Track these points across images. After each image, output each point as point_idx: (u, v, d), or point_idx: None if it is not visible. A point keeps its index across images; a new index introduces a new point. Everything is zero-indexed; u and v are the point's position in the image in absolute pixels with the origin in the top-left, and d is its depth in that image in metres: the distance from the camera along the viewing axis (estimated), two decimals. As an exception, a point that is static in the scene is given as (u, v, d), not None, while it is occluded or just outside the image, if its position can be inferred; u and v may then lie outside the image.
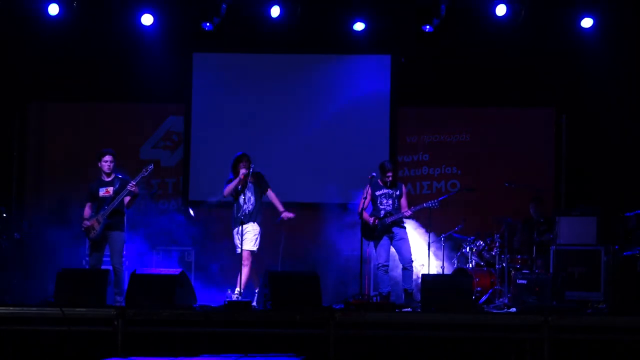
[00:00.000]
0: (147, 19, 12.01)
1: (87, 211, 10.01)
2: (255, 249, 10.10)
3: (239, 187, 10.20)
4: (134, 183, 9.80)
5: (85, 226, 9.89)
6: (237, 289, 9.85)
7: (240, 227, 10.00)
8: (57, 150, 13.03)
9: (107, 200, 9.85)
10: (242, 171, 10.12)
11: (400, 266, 10.40)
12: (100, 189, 9.93)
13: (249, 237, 10.05)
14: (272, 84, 12.90)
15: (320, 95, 12.86)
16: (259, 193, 10.23)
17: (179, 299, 8.61)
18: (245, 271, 9.95)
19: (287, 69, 12.93)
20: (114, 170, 10.03)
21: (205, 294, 10.44)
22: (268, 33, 12.37)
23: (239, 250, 10.02)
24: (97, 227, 9.77)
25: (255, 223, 10.15)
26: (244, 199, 10.15)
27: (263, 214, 10.37)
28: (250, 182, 10.18)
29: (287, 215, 10.23)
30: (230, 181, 10.23)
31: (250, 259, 10.04)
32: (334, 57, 12.94)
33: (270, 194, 10.30)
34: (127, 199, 9.90)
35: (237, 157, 10.28)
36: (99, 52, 12.41)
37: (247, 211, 10.12)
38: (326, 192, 12.46)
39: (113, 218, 9.83)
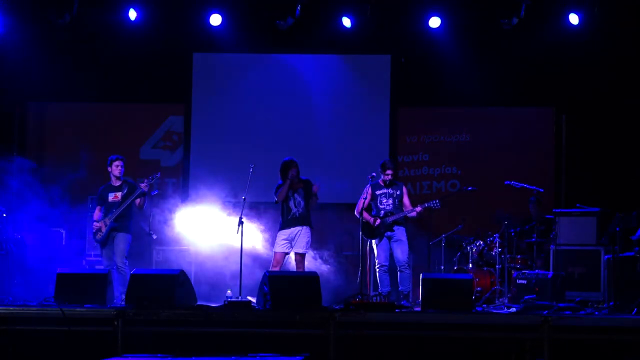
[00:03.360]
0: (132, 14, 12.00)
1: (97, 214, 10.27)
2: (307, 251, 10.30)
3: (289, 191, 10.30)
4: (146, 184, 10.00)
5: (94, 228, 10.13)
6: None
7: (290, 230, 10.21)
8: (57, 150, 13.02)
9: (115, 204, 10.06)
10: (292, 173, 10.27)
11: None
12: (110, 194, 10.17)
13: (302, 240, 10.21)
14: (272, 83, 12.89)
15: (321, 95, 12.86)
16: (308, 198, 10.33)
17: (178, 299, 8.60)
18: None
19: (287, 69, 12.93)
20: (123, 174, 10.21)
21: (205, 294, 10.44)
22: (268, 33, 12.38)
23: (276, 249, 10.25)
24: (104, 229, 9.97)
25: (308, 227, 10.29)
26: (294, 203, 10.29)
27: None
28: (300, 187, 10.30)
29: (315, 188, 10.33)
30: (280, 186, 10.32)
31: (281, 263, 10.23)
32: (334, 57, 12.95)
33: (313, 203, 10.40)
34: (137, 200, 10.07)
35: (286, 163, 10.38)
36: (99, 52, 12.41)
37: (297, 214, 10.26)
38: (326, 191, 12.45)
39: (119, 221, 10.03)
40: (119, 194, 10.11)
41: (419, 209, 10.31)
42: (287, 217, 10.31)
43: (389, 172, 10.43)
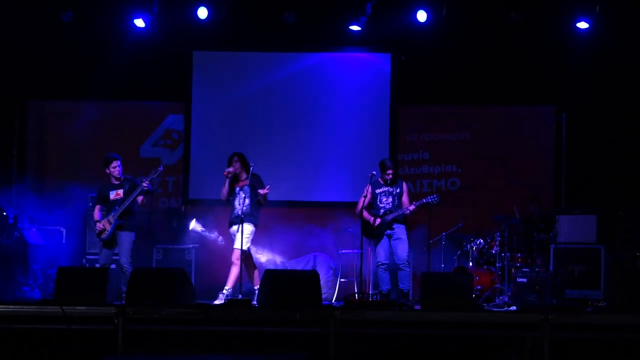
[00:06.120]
0: (140, 22, 12.00)
1: (97, 214, 10.20)
2: (245, 248, 10.05)
3: (236, 188, 10.17)
4: (147, 183, 9.95)
5: (98, 229, 10.06)
6: (226, 287, 9.93)
7: (235, 227, 10.08)
8: (57, 148, 13.03)
9: (117, 202, 9.99)
10: (229, 169, 10.16)
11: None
12: (111, 192, 10.11)
13: (242, 237, 10.00)
14: (272, 82, 12.88)
15: (321, 94, 12.85)
16: (255, 195, 10.14)
17: (178, 297, 8.60)
18: (235, 270, 9.99)
19: (288, 67, 12.92)
20: (122, 174, 10.19)
21: (205, 292, 10.44)
22: (268, 31, 12.37)
23: (235, 246, 10.09)
24: (109, 227, 9.93)
25: (250, 224, 10.10)
26: (238, 201, 10.14)
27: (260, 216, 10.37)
28: (245, 184, 10.15)
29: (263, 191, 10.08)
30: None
31: (240, 258, 9.97)
32: (334, 55, 12.94)
33: (261, 204, 10.17)
34: (140, 198, 10.01)
35: (229, 158, 10.27)
36: (99, 50, 12.40)
37: (239, 212, 10.07)
38: (326, 190, 12.47)
39: (124, 218, 10.00)
40: (121, 191, 10.06)
41: (412, 207, 10.30)
42: (232, 215, 10.19)
43: (389, 171, 10.44)
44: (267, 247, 11.77)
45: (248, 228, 10.08)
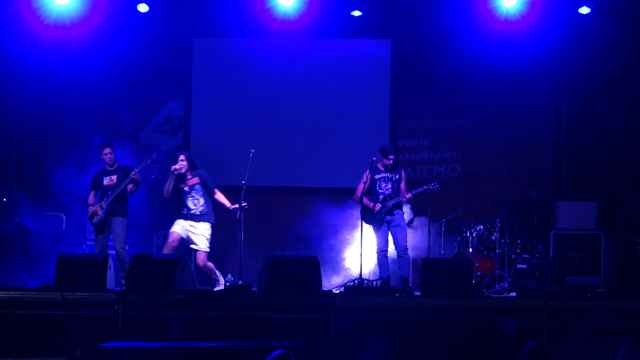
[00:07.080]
0: (143, 7, 11.98)
1: (91, 199, 10.24)
2: (207, 250, 10.01)
3: (185, 187, 10.00)
4: (137, 170, 9.97)
5: (90, 212, 10.12)
6: (214, 276, 9.94)
7: (187, 222, 9.96)
8: (58, 134, 13.01)
9: (111, 187, 10.04)
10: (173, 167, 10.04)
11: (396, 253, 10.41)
12: (105, 178, 10.16)
13: (202, 238, 9.97)
14: (273, 69, 12.85)
15: (321, 80, 12.83)
16: (207, 192, 10.03)
17: (179, 284, 8.61)
18: (211, 265, 9.99)
19: (288, 54, 12.89)
20: (116, 159, 10.21)
21: (205, 278, 10.45)
22: (269, 18, 12.33)
23: (172, 229, 9.98)
24: (100, 212, 9.98)
25: (208, 223, 10.01)
26: (193, 202, 9.99)
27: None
28: (197, 182, 10.03)
29: (234, 206, 9.97)
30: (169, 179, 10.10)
31: (206, 259, 9.98)
32: (334, 41, 12.90)
33: (218, 194, 10.06)
34: (130, 186, 10.03)
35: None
36: (99, 36, 12.36)
37: (197, 212, 9.98)
38: (326, 176, 12.47)
39: (116, 204, 10.04)
40: (115, 177, 10.10)
41: (408, 195, 10.29)
42: (183, 211, 10.01)
43: (390, 157, 10.40)
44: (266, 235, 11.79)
45: (207, 227, 10.00)
